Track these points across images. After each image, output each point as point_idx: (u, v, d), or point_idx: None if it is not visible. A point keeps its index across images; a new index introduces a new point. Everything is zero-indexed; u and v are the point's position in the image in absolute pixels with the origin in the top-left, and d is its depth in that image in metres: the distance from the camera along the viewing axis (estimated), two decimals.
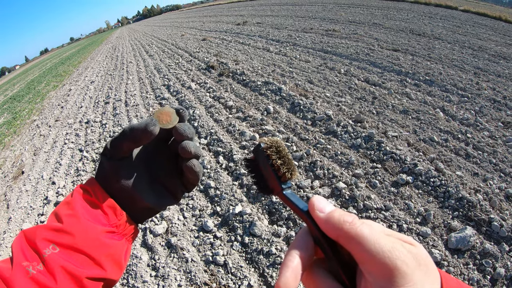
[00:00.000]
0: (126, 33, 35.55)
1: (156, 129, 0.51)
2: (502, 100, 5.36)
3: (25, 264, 0.43)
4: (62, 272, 0.44)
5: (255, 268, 2.79)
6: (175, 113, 0.55)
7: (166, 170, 0.59)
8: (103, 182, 0.54)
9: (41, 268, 0.43)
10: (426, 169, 3.57)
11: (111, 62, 15.24)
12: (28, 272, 0.42)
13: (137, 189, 0.54)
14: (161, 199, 0.57)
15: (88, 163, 5.28)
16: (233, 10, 29.07)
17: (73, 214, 0.49)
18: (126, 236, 0.55)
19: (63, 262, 0.45)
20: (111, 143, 0.53)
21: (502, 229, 2.81)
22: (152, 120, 0.51)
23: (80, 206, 0.50)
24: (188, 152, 0.54)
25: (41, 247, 0.45)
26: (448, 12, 15.76)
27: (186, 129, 0.54)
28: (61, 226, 0.47)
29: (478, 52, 8.36)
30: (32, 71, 33.09)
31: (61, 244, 0.46)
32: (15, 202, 4.73)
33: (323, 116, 4.97)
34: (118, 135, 0.52)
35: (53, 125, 8.00)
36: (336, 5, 19.89)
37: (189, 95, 7.00)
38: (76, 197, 0.51)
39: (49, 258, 0.44)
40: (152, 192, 0.56)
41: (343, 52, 8.67)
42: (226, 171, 4.09)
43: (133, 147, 0.53)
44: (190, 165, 0.55)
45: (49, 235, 0.46)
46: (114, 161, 0.53)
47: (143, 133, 0.50)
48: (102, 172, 0.54)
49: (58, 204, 0.52)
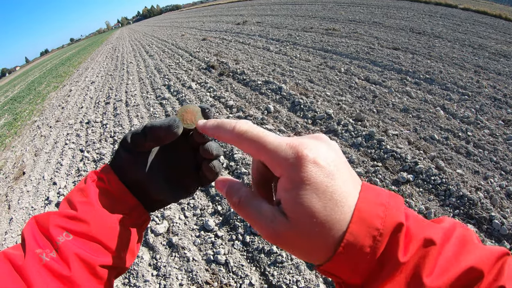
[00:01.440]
0: (126, 34, 35.55)
1: (180, 131, 0.51)
2: (502, 98, 5.36)
3: (38, 252, 0.43)
4: (76, 260, 0.44)
5: (256, 267, 2.79)
6: (200, 112, 0.54)
7: (183, 163, 0.58)
8: (118, 171, 0.53)
9: (55, 256, 0.43)
10: (426, 168, 3.57)
11: (112, 63, 15.24)
12: (41, 260, 0.42)
13: (153, 182, 0.54)
14: (175, 193, 0.56)
15: (89, 163, 5.28)
16: (233, 9, 29.06)
17: (88, 202, 0.49)
18: (138, 224, 0.55)
19: (77, 250, 0.45)
20: (131, 137, 0.52)
21: (503, 227, 2.81)
22: (175, 121, 0.50)
23: (94, 193, 0.50)
24: (210, 154, 0.54)
25: (54, 234, 0.45)
26: (448, 10, 15.74)
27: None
28: (75, 214, 0.47)
29: (478, 50, 8.35)
30: (33, 72, 33.09)
31: (75, 232, 0.46)
32: (17, 203, 4.74)
33: (324, 115, 4.97)
34: (140, 132, 0.52)
35: (53, 126, 8.01)
36: (336, 4, 19.87)
37: (189, 95, 7.00)
38: (90, 184, 0.51)
39: (63, 245, 0.44)
40: (167, 185, 0.56)
41: (343, 51, 8.67)
42: (227, 170, 4.10)
43: (153, 146, 0.54)
44: (211, 166, 0.55)
45: (63, 222, 0.46)
46: (133, 154, 0.53)
47: (166, 134, 0.50)
48: (119, 161, 0.54)
49: (71, 190, 0.52)
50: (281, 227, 0.34)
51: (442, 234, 0.33)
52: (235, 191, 0.40)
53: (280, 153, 0.35)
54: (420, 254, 0.32)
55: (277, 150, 0.35)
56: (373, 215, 0.32)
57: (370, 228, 0.32)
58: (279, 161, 0.35)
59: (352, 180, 0.35)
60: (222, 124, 0.43)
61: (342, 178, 0.34)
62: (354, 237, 0.31)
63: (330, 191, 0.32)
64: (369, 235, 0.31)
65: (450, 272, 0.31)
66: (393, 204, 0.34)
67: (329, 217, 0.32)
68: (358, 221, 0.32)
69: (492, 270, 0.31)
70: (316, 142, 0.36)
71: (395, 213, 0.33)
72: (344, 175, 0.34)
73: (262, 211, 0.36)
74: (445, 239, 0.33)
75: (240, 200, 0.39)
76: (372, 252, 0.31)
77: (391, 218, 0.32)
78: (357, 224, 0.32)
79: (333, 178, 0.33)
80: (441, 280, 0.30)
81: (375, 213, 0.32)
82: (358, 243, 0.31)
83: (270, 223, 0.34)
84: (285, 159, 0.34)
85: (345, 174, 0.34)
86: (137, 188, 0.54)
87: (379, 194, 0.35)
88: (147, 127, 0.51)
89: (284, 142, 0.35)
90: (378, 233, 0.31)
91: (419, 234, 0.33)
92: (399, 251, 0.31)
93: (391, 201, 0.34)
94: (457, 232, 0.34)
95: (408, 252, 0.31)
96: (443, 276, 0.30)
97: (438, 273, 0.31)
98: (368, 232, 0.31)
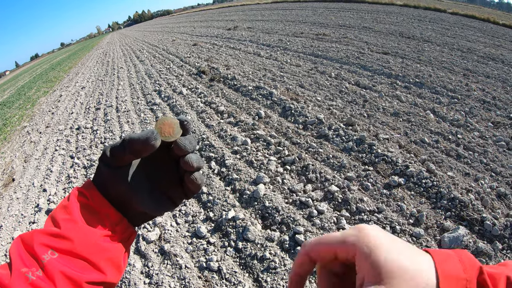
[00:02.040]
0: (117, 39, 35.43)
1: (157, 143, 0.50)
2: (491, 100, 5.43)
3: (24, 270, 0.43)
4: (62, 278, 0.44)
5: (249, 273, 2.77)
6: (178, 125, 0.53)
7: (166, 176, 0.58)
8: (101, 186, 0.53)
9: (41, 274, 0.43)
10: (417, 171, 3.60)
11: (102, 68, 15.16)
12: (27, 278, 0.42)
13: (136, 195, 0.53)
14: (160, 205, 0.56)
15: (79, 170, 5.23)
16: (224, 15, 29.16)
17: (71, 219, 0.49)
18: (124, 239, 0.54)
19: (62, 267, 0.44)
20: (110, 151, 0.52)
21: (494, 228, 2.83)
22: (153, 134, 0.49)
23: (77, 210, 0.50)
24: (191, 167, 0.54)
25: (39, 253, 0.44)
26: (437, 15, 15.98)
27: (187, 144, 0.53)
28: (58, 231, 0.47)
29: (467, 54, 8.47)
30: (23, 76, 32.76)
31: (60, 249, 0.46)
32: (6, 210, 4.66)
33: (315, 120, 4.98)
34: (118, 145, 0.51)
35: (43, 132, 7.92)
36: (326, 9, 20.08)
37: (180, 101, 6.98)
38: (72, 201, 0.51)
39: (48, 263, 0.44)
40: (151, 198, 0.55)
41: (333, 56, 8.73)
42: (219, 177, 4.08)
43: (132, 159, 0.53)
44: (192, 178, 0.55)
45: (47, 240, 0.46)
46: (113, 168, 0.52)
47: (143, 147, 0.49)
48: (100, 177, 0.53)
49: (55, 208, 0.52)
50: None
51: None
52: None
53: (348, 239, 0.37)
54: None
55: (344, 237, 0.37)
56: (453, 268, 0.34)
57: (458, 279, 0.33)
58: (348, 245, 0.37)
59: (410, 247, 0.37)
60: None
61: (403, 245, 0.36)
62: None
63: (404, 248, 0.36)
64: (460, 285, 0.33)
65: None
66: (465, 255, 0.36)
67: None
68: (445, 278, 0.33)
69: None
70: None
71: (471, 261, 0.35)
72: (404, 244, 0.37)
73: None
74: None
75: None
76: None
77: (470, 266, 0.34)
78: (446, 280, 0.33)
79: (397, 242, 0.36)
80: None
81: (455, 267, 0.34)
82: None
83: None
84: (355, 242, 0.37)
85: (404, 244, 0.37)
86: (120, 202, 0.53)
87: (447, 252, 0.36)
88: (125, 140, 0.50)
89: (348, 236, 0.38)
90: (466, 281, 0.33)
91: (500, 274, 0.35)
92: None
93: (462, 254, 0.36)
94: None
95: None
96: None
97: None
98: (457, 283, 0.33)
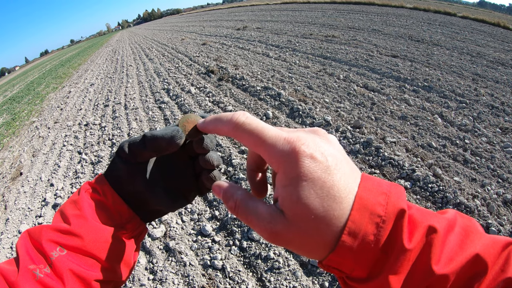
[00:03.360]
0: (127, 36, 35.63)
1: (182, 141, 0.49)
2: (500, 106, 5.39)
3: (32, 267, 0.42)
4: (70, 275, 0.43)
5: (253, 272, 2.79)
6: None
7: (181, 172, 0.56)
8: (114, 182, 0.52)
9: (49, 271, 0.42)
10: (424, 175, 3.58)
11: (111, 65, 15.25)
12: (35, 276, 0.41)
13: (150, 192, 0.52)
14: (174, 202, 0.55)
15: (86, 166, 5.27)
16: (233, 15, 29.16)
17: (81, 215, 0.48)
18: (135, 236, 0.54)
19: (71, 265, 0.44)
20: (129, 147, 0.51)
21: (500, 235, 2.81)
22: (179, 132, 0.49)
23: (87, 206, 0.49)
24: (211, 165, 0.53)
25: (47, 249, 0.43)
26: (447, 18, 15.84)
27: (209, 143, 0.52)
28: (68, 228, 0.46)
29: (476, 58, 8.40)
30: (32, 72, 33.06)
31: (69, 246, 0.45)
32: (13, 203, 4.72)
33: (322, 121, 4.98)
34: (138, 141, 0.50)
35: (52, 127, 7.99)
36: (336, 11, 19.99)
37: (188, 99, 7.01)
38: (83, 196, 0.50)
39: (57, 260, 0.43)
40: (165, 195, 0.54)
41: (342, 58, 8.70)
42: (225, 176, 4.10)
43: (153, 156, 0.52)
44: (211, 176, 0.54)
45: (56, 237, 0.45)
46: (130, 164, 0.51)
47: (168, 145, 0.48)
48: (115, 172, 0.52)
49: (64, 202, 0.51)
50: (279, 227, 0.33)
51: (446, 223, 0.33)
52: (231, 195, 0.39)
53: (277, 148, 0.34)
54: (425, 241, 0.31)
55: (275, 144, 0.35)
56: (375, 202, 0.32)
57: (373, 215, 0.31)
58: (276, 156, 0.34)
59: (352, 173, 0.34)
60: (219, 117, 0.42)
61: (341, 173, 0.33)
62: (356, 225, 0.31)
63: (328, 186, 0.32)
64: (372, 222, 0.31)
65: (456, 260, 0.31)
66: (394, 192, 0.33)
67: (327, 213, 0.31)
68: (360, 208, 0.31)
69: (498, 260, 0.31)
70: (313, 136, 0.36)
71: (396, 200, 0.32)
72: (343, 169, 0.34)
73: (259, 213, 0.35)
74: (449, 228, 0.33)
75: (236, 203, 0.38)
76: (376, 240, 0.31)
77: (393, 205, 0.32)
78: (359, 212, 0.31)
79: (330, 173, 0.32)
80: (449, 268, 0.30)
81: (377, 201, 0.32)
82: (360, 231, 0.31)
83: (268, 224, 0.34)
84: (282, 154, 0.34)
85: (344, 168, 0.34)
86: (134, 199, 0.52)
87: (380, 183, 0.34)
88: (147, 137, 0.49)
89: (281, 136, 0.35)
90: (380, 220, 0.31)
91: (423, 222, 0.32)
92: (404, 238, 0.31)
93: (392, 190, 0.33)
94: (460, 222, 0.34)
95: (413, 239, 0.31)
96: (450, 263, 0.31)
97: (445, 261, 0.31)
98: (371, 219, 0.31)
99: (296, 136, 0.35)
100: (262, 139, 0.36)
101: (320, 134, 0.38)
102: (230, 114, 0.40)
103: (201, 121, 0.47)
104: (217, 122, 0.43)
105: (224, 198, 0.40)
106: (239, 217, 0.38)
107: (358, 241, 0.31)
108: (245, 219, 0.37)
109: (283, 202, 0.33)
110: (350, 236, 0.31)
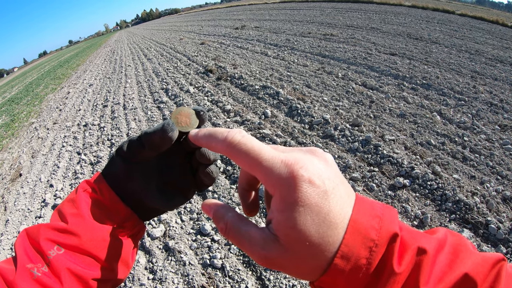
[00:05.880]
0: (125, 37, 35.57)
1: (175, 134, 0.48)
2: (499, 103, 5.39)
3: (29, 266, 0.42)
4: (68, 274, 0.43)
5: (252, 271, 2.79)
6: (194, 115, 0.52)
7: (178, 169, 0.56)
8: (112, 180, 0.52)
9: (46, 270, 0.42)
10: (423, 172, 3.59)
11: (110, 66, 15.23)
12: (33, 275, 0.41)
13: (148, 191, 0.52)
14: (172, 200, 0.55)
15: (86, 166, 5.27)
16: (232, 14, 29.14)
17: (78, 214, 0.48)
18: (133, 234, 0.54)
19: (69, 264, 0.44)
20: (128, 147, 0.51)
21: (499, 232, 2.82)
22: (169, 124, 0.48)
23: (85, 205, 0.49)
24: (208, 159, 0.52)
25: (45, 248, 0.44)
26: (445, 16, 15.84)
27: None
28: (65, 226, 0.46)
29: (475, 55, 8.40)
30: (31, 73, 33.00)
31: (66, 245, 0.45)
32: (13, 204, 4.72)
33: (321, 120, 4.98)
34: (136, 140, 0.50)
35: (51, 128, 7.98)
36: (334, 9, 19.99)
37: (187, 99, 7.01)
38: (81, 195, 0.50)
39: (54, 259, 0.43)
40: (163, 193, 0.54)
41: (340, 56, 8.70)
42: (224, 175, 4.10)
43: (152, 155, 0.51)
44: (208, 171, 0.53)
45: (54, 236, 0.45)
46: (128, 163, 0.51)
47: (161, 140, 0.48)
48: (114, 170, 0.52)
49: (62, 201, 0.50)
50: (273, 253, 0.33)
51: (436, 243, 0.33)
52: (221, 216, 0.38)
53: (275, 172, 0.33)
54: (414, 263, 0.31)
55: (272, 167, 0.34)
56: (368, 226, 0.32)
57: (366, 239, 0.31)
58: (273, 180, 0.33)
59: (347, 197, 0.34)
60: (214, 133, 0.41)
61: (337, 197, 0.33)
62: (349, 249, 0.31)
63: (324, 212, 0.32)
64: (365, 246, 0.31)
65: (445, 281, 0.31)
66: (388, 216, 0.33)
67: (322, 240, 0.31)
68: (353, 232, 0.31)
69: (487, 278, 0.31)
70: (311, 158, 0.35)
71: (389, 224, 0.32)
72: (339, 193, 0.33)
73: (251, 237, 0.35)
74: (439, 248, 0.33)
75: (227, 225, 0.37)
76: (368, 263, 0.31)
77: (386, 229, 0.32)
78: (353, 235, 0.31)
79: (327, 198, 0.32)
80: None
81: (370, 225, 0.32)
82: (353, 254, 0.31)
83: (261, 250, 0.33)
84: (280, 178, 0.33)
85: (340, 192, 0.33)
86: (131, 197, 0.52)
87: (373, 206, 0.34)
88: (142, 135, 0.49)
89: (279, 158, 0.34)
90: (374, 244, 0.31)
91: (413, 243, 0.32)
92: (394, 261, 0.31)
93: (386, 213, 0.33)
94: (450, 241, 0.34)
95: (403, 262, 0.31)
96: (439, 284, 0.31)
97: (434, 282, 0.31)
98: (364, 243, 0.31)
99: (293, 158, 0.34)
100: (258, 161, 0.35)
101: (318, 154, 0.37)
102: (226, 131, 0.39)
103: (193, 133, 0.46)
104: (211, 139, 0.41)
105: (214, 219, 0.40)
106: (230, 240, 0.37)
107: (350, 264, 0.31)
108: (237, 242, 0.36)
109: (278, 226, 0.33)
110: (343, 260, 0.31)
